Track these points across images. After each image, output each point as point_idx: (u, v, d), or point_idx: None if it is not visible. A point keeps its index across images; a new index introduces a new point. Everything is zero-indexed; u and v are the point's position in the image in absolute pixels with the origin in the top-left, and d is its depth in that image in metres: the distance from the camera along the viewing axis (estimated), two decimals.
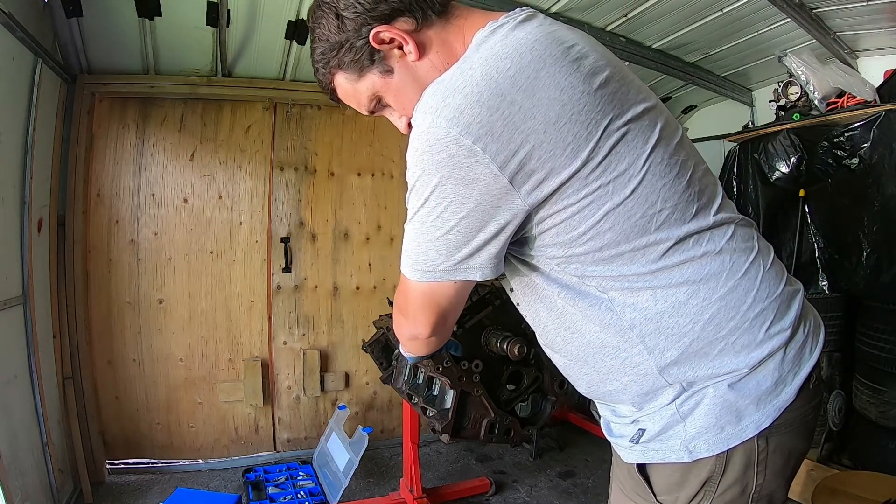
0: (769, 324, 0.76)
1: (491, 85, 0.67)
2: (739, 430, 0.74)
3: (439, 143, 0.69)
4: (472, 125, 0.66)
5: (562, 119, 0.67)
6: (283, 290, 3.19)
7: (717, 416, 0.74)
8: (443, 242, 0.75)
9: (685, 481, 0.77)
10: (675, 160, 0.75)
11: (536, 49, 0.70)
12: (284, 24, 2.50)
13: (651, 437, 0.78)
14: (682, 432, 0.76)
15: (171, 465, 2.96)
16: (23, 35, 2.01)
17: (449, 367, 1.62)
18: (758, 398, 0.75)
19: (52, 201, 2.53)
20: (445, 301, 0.80)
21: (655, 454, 0.78)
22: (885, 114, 2.32)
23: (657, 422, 0.78)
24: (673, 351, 0.75)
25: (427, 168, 0.72)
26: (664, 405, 0.77)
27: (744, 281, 0.76)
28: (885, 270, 2.33)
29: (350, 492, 2.65)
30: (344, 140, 3.33)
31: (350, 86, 0.86)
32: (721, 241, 0.76)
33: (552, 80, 0.68)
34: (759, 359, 0.75)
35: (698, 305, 0.74)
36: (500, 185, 0.68)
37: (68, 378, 2.62)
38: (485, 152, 0.67)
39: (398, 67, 0.82)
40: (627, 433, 0.82)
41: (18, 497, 1.96)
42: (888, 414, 2.22)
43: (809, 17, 2.34)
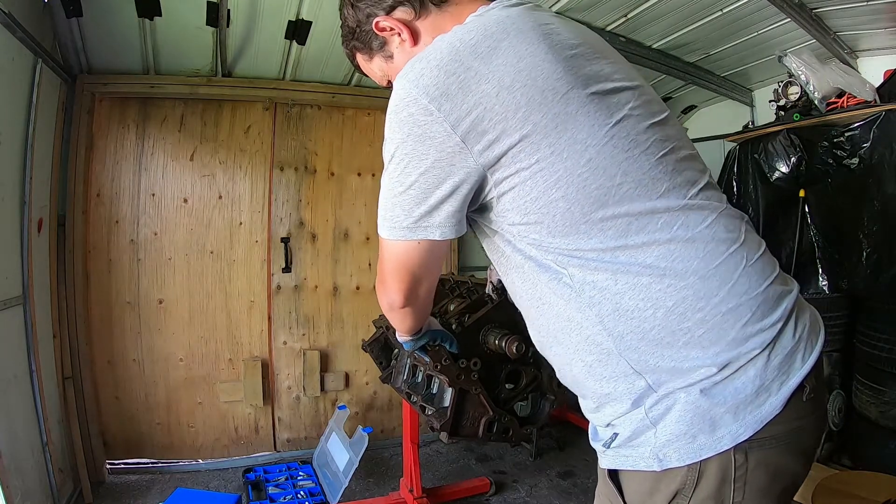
0: (745, 321, 0.71)
1: (452, 52, 0.72)
2: (714, 440, 0.69)
3: (402, 102, 0.73)
4: (429, 87, 0.71)
5: (516, 84, 0.70)
6: (283, 290, 3.19)
7: (688, 423, 0.70)
8: (405, 198, 0.77)
9: (655, 491, 0.73)
10: (644, 137, 0.74)
11: (505, 23, 0.75)
12: (284, 24, 2.50)
13: (622, 441, 0.76)
14: (652, 439, 0.72)
15: (171, 465, 2.96)
16: (23, 35, 2.01)
17: (447, 366, 1.62)
18: (735, 407, 0.69)
19: (52, 201, 2.53)
20: (414, 264, 0.83)
21: (626, 460, 0.75)
22: (885, 114, 2.32)
23: (628, 426, 0.75)
24: (632, 335, 0.73)
25: (393, 126, 0.76)
26: (634, 408, 0.74)
27: (718, 272, 0.72)
28: (885, 270, 2.33)
29: (350, 492, 2.65)
30: (344, 140, 3.33)
31: (365, 64, 0.98)
32: (696, 227, 0.73)
33: (512, 49, 0.72)
34: (732, 359, 0.70)
35: (661, 291, 0.71)
36: (453, 143, 0.72)
37: (68, 378, 2.62)
38: (439, 111, 0.71)
39: (397, 52, 0.91)
40: (603, 437, 0.81)
41: (18, 497, 1.96)
42: (888, 414, 2.22)
43: (809, 17, 2.34)
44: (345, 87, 3.21)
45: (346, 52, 1.00)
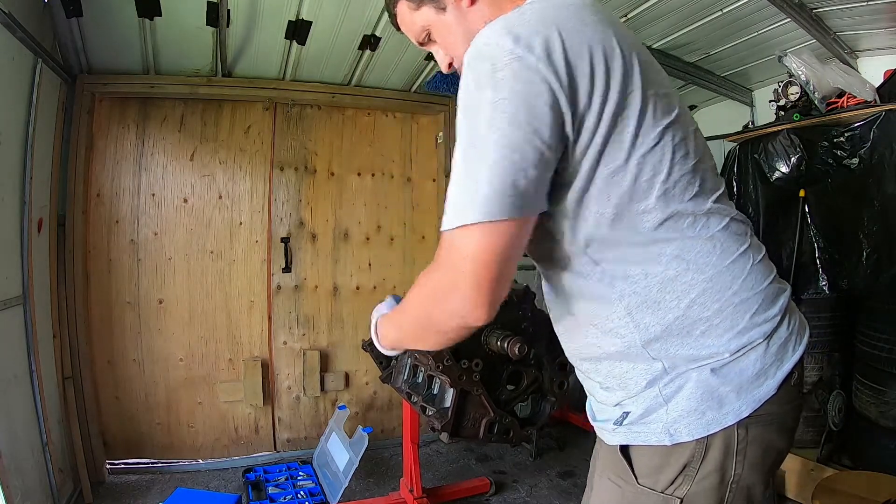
0: (752, 312, 0.78)
1: (546, 19, 0.72)
2: (720, 416, 0.75)
3: (503, 60, 0.69)
4: (534, 47, 0.69)
5: (599, 70, 0.72)
6: (283, 290, 3.19)
7: (698, 400, 0.75)
8: (507, 165, 0.69)
9: (665, 465, 0.78)
10: (684, 144, 0.78)
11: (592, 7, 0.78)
12: (284, 24, 2.50)
13: (634, 419, 0.80)
14: (664, 415, 0.77)
15: (171, 465, 2.96)
16: (23, 35, 2.01)
17: (449, 366, 1.62)
18: (739, 386, 0.76)
19: (52, 201, 2.53)
20: (510, 250, 0.72)
21: (638, 436, 0.80)
22: (885, 114, 2.32)
23: (641, 404, 0.79)
24: (657, 326, 0.77)
25: (489, 85, 0.70)
26: (648, 388, 0.79)
27: (732, 268, 0.78)
28: (885, 270, 2.33)
29: (350, 492, 2.65)
30: (344, 140, 3.33)
31: (408, 14, 0.93)
32: (714, 228, 0.79)
33: (595, 35, 0.73)
34: (741, 346, 0.76)
35: (686, 283, 0.76)
36: (557, 108, 0.70)
37: (68, 378, 2.62)
38: (547, 70, 0.69)
39: (451, 8, 0.89)
40: (612, 416, 0.84)
41: (18, 497, 1.96)
42: (888, 414, 2.22)
43: (809, 17, 2.34)
44: (345, 87, 3.21)
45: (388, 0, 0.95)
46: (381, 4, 2.37)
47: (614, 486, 0.83)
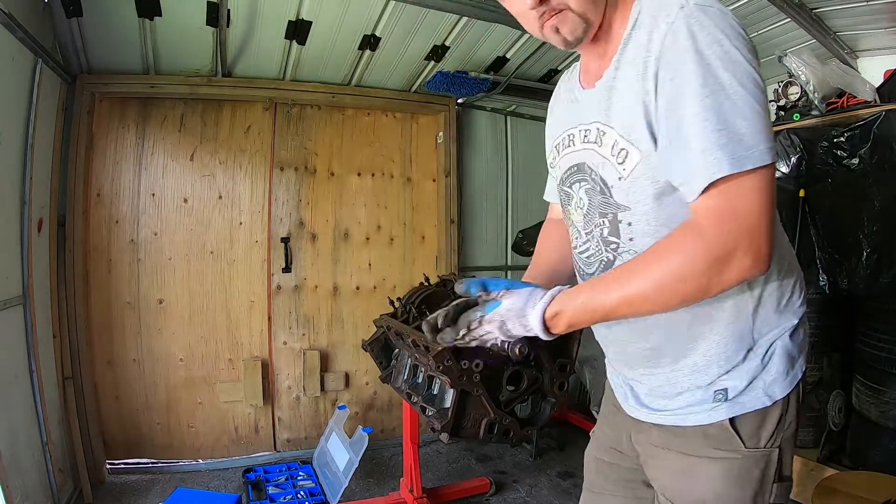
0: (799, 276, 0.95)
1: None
2: (795, 372, 0.90)
3: (736, 22, 0.75)
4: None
5: None
6: (283, 290, 3.19)
7: (785, 363, 0.89)
8: (763, 112, 0.72)
9: (764, 424, 0.88)
10: None
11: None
12: (284, 24, 2.50)
13: (737, 392, 0.88)
14: (761, 382, 0.88)
15: (171, 465, 2.96)
16: (23, 35, 2.01)
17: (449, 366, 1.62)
18: (801, 347, 0.92)
19: (52, 201, 2.53)
20: (773, 198, 0.73)
21: (742, 406, 0.88)
22: (885, 114, 2.31)
23: (743, 377, 0.88)
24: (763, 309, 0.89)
25: (735, 42, 0.73)
26: (746, 360, 0.88)
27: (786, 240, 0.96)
28: (885, 270, 2.32)
29: (350, 492, 2.65)
30: (344, 140, 3.33)
31: None
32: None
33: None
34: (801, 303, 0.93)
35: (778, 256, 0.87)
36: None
37: (68, 378, 2.62)
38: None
39: None
40: (702, 398, 0.90)
41: (18, 497, 1.96)
42: (888, 414, 2.22)
43: (809, 17, 2.34)
44: (345, 87, 3.21)
45: None
46: (381, 4, 2.37)
47: (717, 459, 0.89)
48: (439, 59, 2.92)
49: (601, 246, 0.92)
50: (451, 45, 2.79)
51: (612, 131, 0.85)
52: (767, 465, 0.88)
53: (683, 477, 0.92)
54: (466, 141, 3.61)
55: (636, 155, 0.81)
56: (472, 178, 3.64)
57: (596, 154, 0.89)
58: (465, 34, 2.69)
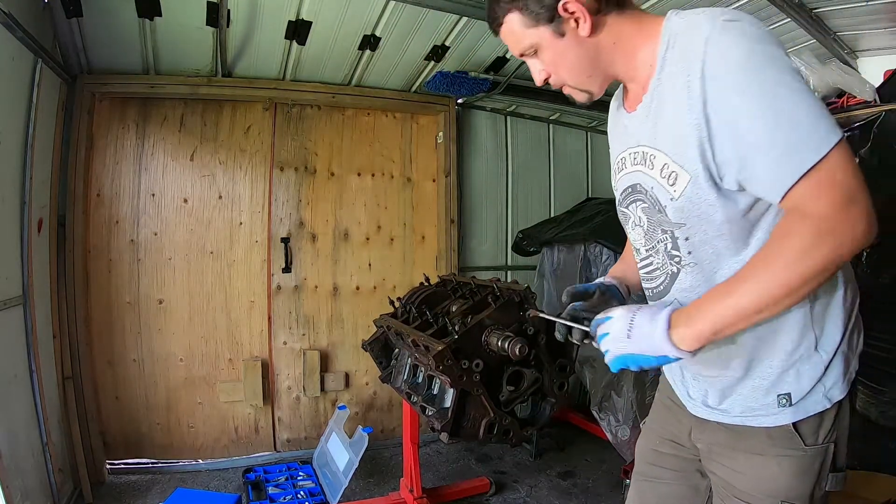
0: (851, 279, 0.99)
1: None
2: (849, 375, 0.96)
3: (758, 26, 0.80)
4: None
5: None
6: (283, 291, 3.19)
7: (841, 369, 0.94)
8: (811, 98, 0.76)
9: (822, 422, 0.94)
10: None
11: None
12: (284, 24, 2.50)
13: (801, 396, 0.93)
14: (821, 387, 0.93)
15: (171, 465, 2.96)
16: (23, 35, 2.01)
17: (449, 366, 1.62)
18: (855, 351, 0.97)
19: (52, 201, 2.53)
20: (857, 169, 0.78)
21: (806, 410, 0.93)
22: (885, 114, 2.31)
23: (806, 382, 0.93)
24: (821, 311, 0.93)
25: (769, 46, 0.78)
26: (812, 366, 0.93)
27: None
28: (885, 270, 2.33)
29: (350, 492, 2.65)
30: (344, 140, 3.33)
31: (519, 28, 0.94)
32: None
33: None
34: (854, 309, 0.98)
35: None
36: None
37: (68, 378, 2.62)
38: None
39: (569, 35, 0.92)
40: (766, 402, 0.95)
41: (18, 497, 1.96)
42: (888, 414, 2.22)
43: (809, 17, 2.34)
44: (345, 87, 3.21)
45: (498, 7, 0.94)
46: (381, 4, 2.37)
47: (781, 458, 0.95)
48: (439, 59, 2.92)
49: (666, 260, 0.98)
50: (451, 45, 2.79)
51: (661, 154, 0.90)
52: (825, 458, 0.95)
53: (753, 474, 0.98)
54: (466, 141, 3.61)
55: (685, 176, 0.86)
56: (472, 178, 3.64)
57: (647, 176, 0.94)
58: (465, 34, 2.69)
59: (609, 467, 2.95)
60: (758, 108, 0.76)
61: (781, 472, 0.95)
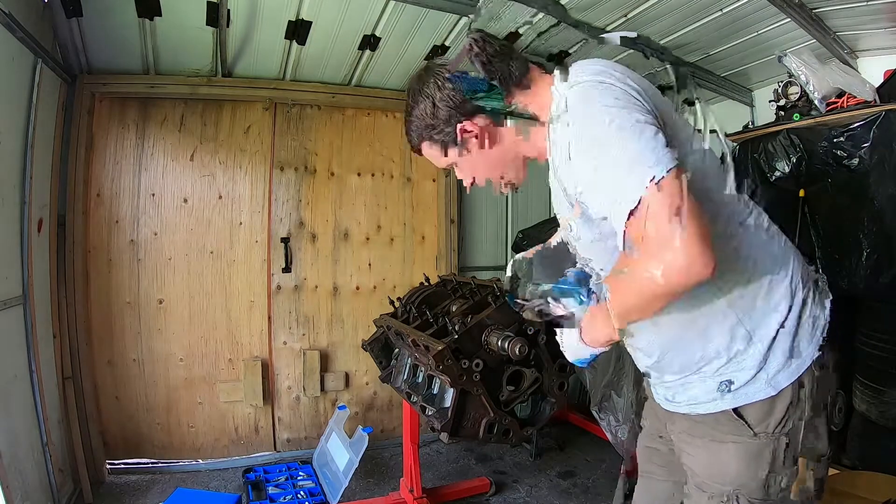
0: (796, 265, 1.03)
1: (627, 72, 0.95)
2: (801, 361, 0.98)
3: (612, 82, 0.90)
4: (628, 82, 0.91)
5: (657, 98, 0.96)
6: (283, 290, 3.19)
7: (786, 354, 0.97)
8: (645, 138, 0.84)
9: (772, 411, 0.97)
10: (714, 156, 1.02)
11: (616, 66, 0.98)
12: (284, 24, 2.50)
13: (742, 383, 0.98)
14: (764, 374, 0.97)
15: (171, 465, 2.96)
16: (23, 35, 2.01)
17: (449, 366, 1.62)
18: (807, 336, 1.00)
19: (52, 201, 2.54)
20: (687, 195, 0.82)
21: (748, 397, 0.97)
22: (885, 114, 2.31)
23: (747, 369, 0.97)
24: (738, 289, 0.97)
25: (605, 102, 0.88)
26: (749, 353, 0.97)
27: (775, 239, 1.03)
28: (885, 270, 2.32)
29: (350, 492, 2.65)
30: (344, 140, 3.33)
31: (433, 152, 1.14)
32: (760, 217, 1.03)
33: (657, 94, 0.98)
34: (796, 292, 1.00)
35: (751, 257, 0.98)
36: (649, 109, 0.89)
37: (68, 378, 2.62)
38: (640, 97, 0.89)
39: (474, 149, 1.09)
40: (708, 389, 1.01)
41: (18, 497, 1.96)
42: (888, 414, 2.22)
43: (809, 17, 2.34)
44: (345, 87, 3.21)
45: (411, 139, 1.16)
46: (381, 4, 2.38)
47: (730, 443, 1.00)
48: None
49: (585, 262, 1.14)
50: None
51: (562, 195, 1.05)
52: (776, 448, 0.98)
53: (707, 460, 1.04)
54: None
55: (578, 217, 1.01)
56: None
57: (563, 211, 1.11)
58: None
59: (609, 467, 2.95)
60: (595, 166, 0.87)
61: (731, 459, 1.00)
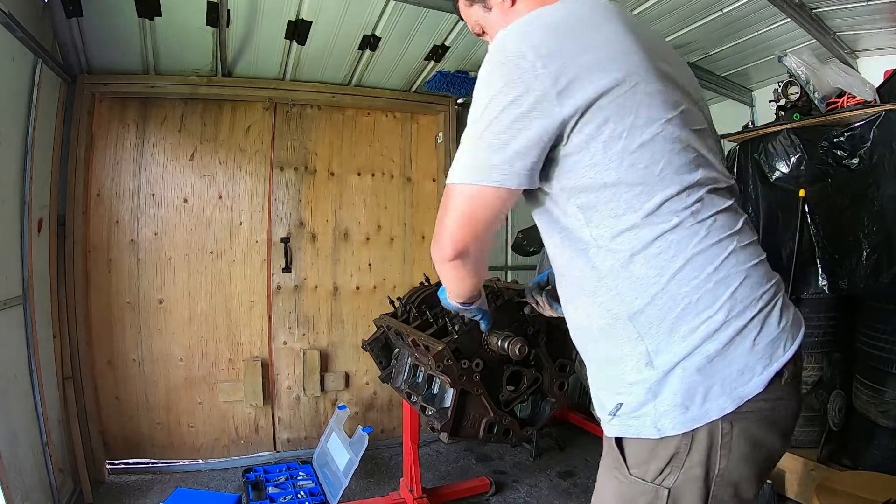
0: (733, 290, 0.81)
1: (561, 22, 0.83)
2: (703, 411, 0.78)
3: (510, 54, 0.81)
4: (538, 45, 0.80)
5: (603, 64, 0.81)
6: (283, 290, 3.19)
7: (682, 395, 0.79)
8: (493, 142, 0.82)
9: (654, 456, 0.81)
10: (684, 137, 0.85)
11: (604, 9, 0.87)
12: (284, 24, 2.50)
13: (627, 411, 0.84)
14: (652, 410, 0.80)
15: (171, 465, 2.96)
16: (23, 35, 2.01)
17: (449, 366, 1.62)
18: (723, 382, 0.78)
19: (52, 201, 2.53)
20: (478, 213, 0.86)
21: (630, 428, 0.83)
22: (885, 114, 2.31)
23: (634, 398, 0.83)
24: (640, 300, 0.82)
25: (494, 75, 0.83)
26: (638, 379, 0.82)
27: (714, 248, 0.82)
28: (885, 270, 2.32)
29: (350, 492, 2.65)
30: (344, 140, 3.33)
31: (465, 9, 1.09)
32: (703, 215, 0.83)
33: (607, 36, 0.83)
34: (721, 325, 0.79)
35: (668, 260, 0.81)
36: (550, 98, 0.79)
37: (68, 378, 2.62)
38: (544, 68, 0.79)
39: (495, 8, 1.03)
40: (608, 406, 0.88)
41: (18, 497, 1.96)
42: (888, 414, 2.22)
43: (809, 17, 2.34)
44: (345, 87, 3.21)
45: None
46: (381, 4, 2.38)
47: (612, 476, 0.88)
48: (439, 59, 2.92)
49: None
50: (451, 45, 2.79)
51: None
52: (655, 501, 0.81)
53: (596, 488, 0.93)
54: None
55: None
56: None
57: None
58: (465, 34, 2.69)
59: None
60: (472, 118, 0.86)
61: (608, 496, 0.88)
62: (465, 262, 0.93)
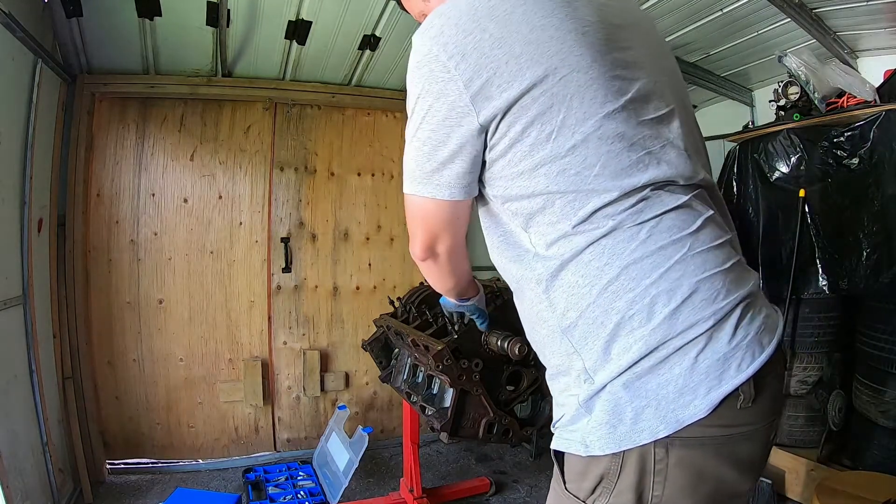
0: (675, 306, 0.70)
1: (470, 11, 0.75)
2: (633, 433, 0.70)
3: (423, 58, 0.78)
4: (448, 44, 0.74)
5: (524, 55, 0.72)
6: (283, 290, 3.19)
7: (610, 414, 0.71)
8: (419, 152, 0.81)
9: (586, 474, 0.75)
10: (631, 132, 0.74)
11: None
12: (284, 24, 2.50)
13: (564, 423, 0.78)
14: (584, 425, 0.74)
15: (171, 465, 2.96)
16: (23, 35, 2.01)
17: (449, 366, 1.62)
18: (657, 403, 0.69)
19: (52, 201, 2.53)
20: (429, 219, 0.86)
21: (565, 442, 0.77)
22: (885, 114, 2.31)
23: (570, 410, 0.77)
24: (572, 312, 0.75)
25: (413, 80, 0.81)
26: (574, 394, 0.77)
27: (655, 256, 0.72)
28: (885, 270, 2.32)
29: (350, 492, 2.65)
30: (344, 140, 3.33)
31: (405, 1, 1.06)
32: (646, 215, 0.73)
33: (526, 18, 0.73)
34: (659, 343, 0.70)
35: (599, 269, 0.73)
36: (464, 102, 0.75)
37: (68, 378, 2.62)
38: (456, 69, 0.74)
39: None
40: (555, 416, 0.83)
41: (18, 497, 1.96)
42: (888, 414, 2.22)
43: (809, 17, 2.34)
44: (345, 87, 3.21)
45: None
46: (381, 4, 2.38)
47: (553, 487, 0.83)
48: None
49: None
50: None
51: None
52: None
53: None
54: None
55: None
56: None
57: None
58: None
59: None
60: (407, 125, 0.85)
61: (550, 501, 0.83)
62: (436, 262, 0.93)
